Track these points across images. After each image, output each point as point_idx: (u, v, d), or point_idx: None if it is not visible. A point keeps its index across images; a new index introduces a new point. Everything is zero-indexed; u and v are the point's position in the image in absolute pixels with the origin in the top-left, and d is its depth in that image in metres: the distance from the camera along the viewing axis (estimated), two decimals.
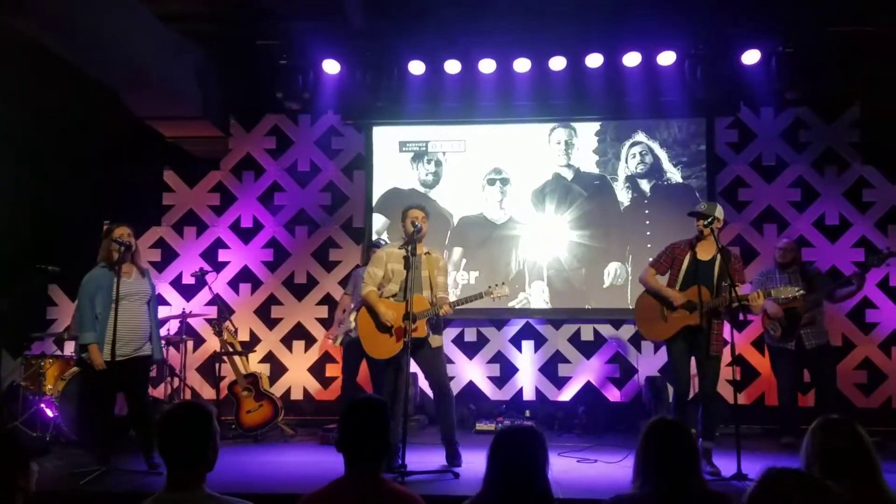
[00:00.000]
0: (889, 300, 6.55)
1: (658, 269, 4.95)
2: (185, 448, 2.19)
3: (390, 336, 4.74)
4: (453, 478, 4.41)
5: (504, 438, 2.44)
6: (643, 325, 4.96)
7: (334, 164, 7.22)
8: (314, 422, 6.60)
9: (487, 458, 2.42)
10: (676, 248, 4.92)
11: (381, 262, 4.87)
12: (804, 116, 6.82)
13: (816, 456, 2.33)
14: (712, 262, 4.77)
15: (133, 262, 4.84)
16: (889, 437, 5.81)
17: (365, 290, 4.83)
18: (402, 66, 6.59)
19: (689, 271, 4.79)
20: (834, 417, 2.42)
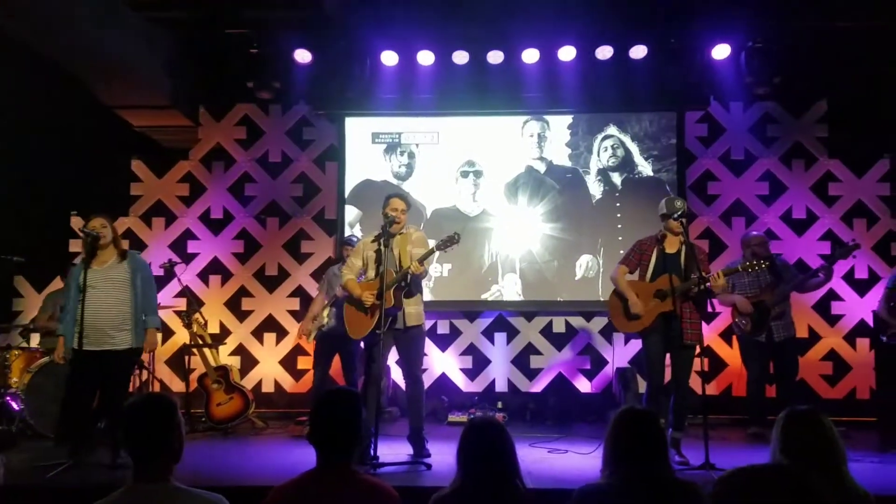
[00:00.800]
0: (854, 293, 6.69)
1: (629, 265, 5.04)
2: (149, 440, 2.18)
3: (367, 315, 4.77)
4: (425, 469, 4.42)
5: (471, 433, 2.44)
6: (618, 320, 5.02)
7: (306, 155, 7.17)
8: (286, 414, 6.59)
9: (457, 452, 2.42)
10: (643, 244, 5.04)
11: (358, 253, 4.99)
12: (772, 111, 6.92)
13: (784, 446, 2.37)
14: (678, 254, 4.90)
15: (115, 248, 4.76)
16: (853, 428, 5.94)
17: (344, 279, 4.95)
18: (375, 57, 6.55)
19: (658, 264, 4.91)
20: (801, 408, 2.45)
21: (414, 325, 4.83)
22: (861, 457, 4.86)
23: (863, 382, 6.57)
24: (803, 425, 2.38)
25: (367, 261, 4.92)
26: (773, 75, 6.21)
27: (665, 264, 4.86)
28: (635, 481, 2.33)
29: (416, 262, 4.62)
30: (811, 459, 2.27)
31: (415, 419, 4.85)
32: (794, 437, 2.37)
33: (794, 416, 2.43)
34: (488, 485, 2.37)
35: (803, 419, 2.40)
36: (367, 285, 4.84)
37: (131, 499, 2.17)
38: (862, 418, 6.16)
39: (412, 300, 4.83)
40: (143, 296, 4.74)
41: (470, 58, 6.55)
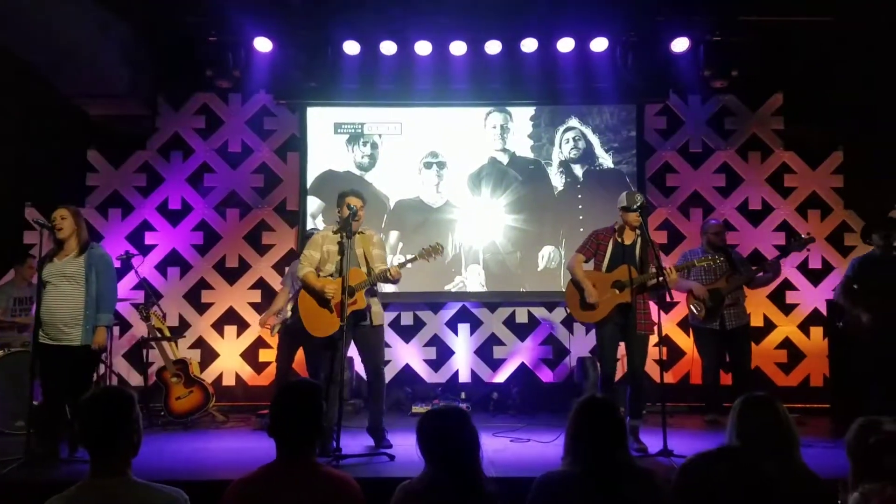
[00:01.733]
0: (808, 282, 6.86)
1: (585, 254, 5.10)
2: (106, 434, 2.15)
3: (331, 312, 4.72)
4: (388, 460, 4.41)
5: (425, 422, 2.45)
6: (575, 309, 5.07)
7: (267, 145, 7.08)
8: (247, 408, 6.53)
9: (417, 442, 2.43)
10: (600, 234, 5.10)
11: (317, 245, 4.89)
12: (730, 104, 7.05)
13: (740, 432, 2.42)
14: (634, 246, 4.98)
15: (77, 241, 4.65)
16: (807, 414, 6.11)
17: (302, 272, 4.81)
18: (337, 46, 6.48)
19: (614, 255, 4.98)
20: (757, 394, 2.50)
21: (379, 324, 4.87)
22: (814, 442, 4.99)
23: (817, 370, 6.74)
24: (759, 411, 2.43)
25: (326, 254, 4.85)
26: (731, 69, 6.31)
27: (622, 255, 4.93)
28: (595, 468, 2.36)
29: (397, 267, 4.69)
30: (765, 445, 2.32)
31: (375, 412, 4.86)
32: (749, 422, 2.41)
33: (749, 403, 2.48)
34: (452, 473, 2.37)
35: (759, 405, 2.45)
36: (330, 282, 4.76)
37: (89, 493, 2.14)
38: (816, 405, 6.33)
39: (374, 299, 4.86)
40: (98, 292, 4.61)
41: (433, 48, 6.53)
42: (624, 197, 4.96)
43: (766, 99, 7.03)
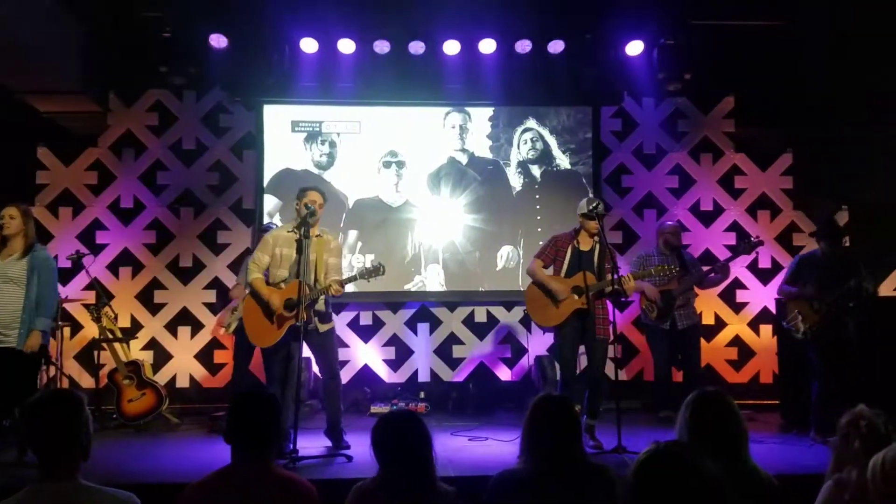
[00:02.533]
0: (758, 281, 7.04)
1: (544, 260, 5.15)
2: (55, 437, 2.10)
3: (272, 323, 4.66)
4: (346, 461, 4.40)
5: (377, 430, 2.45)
6: (535, 314, 5.13)
7: (222, 143, 6.97)
8: (202, 410, 6.40)
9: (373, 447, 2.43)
10: (559, 240, 5.17)
11: (268, 247, 4.78)
12: (683, 107, 7.19)
13: (689, 428, 2.46)
14: (592, 252, 5.07)
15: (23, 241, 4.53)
16: (757, 411, 6.27)
17: (250, 277, 4.74)
18: (294, 44, 6.42)
19: (573, 260, 5.06)
20: (708, 390, 2.54)
21: (325, 330, 4.81)
22: (764, 438, 5.15)
23: (766, 367, 6.91)
24: (709, 407, 2.46)
25: (278, 258, 4.75)
26: (684, 72, 6.45)
27: (580, 262, 5.02)
28: (550, 465, 2.40)
29: (338, 284, 4.58)
30: (715, 440, 2.36)
31: (332, 414, 4.83)
32: (699, 418, 2.44)
33: (701, 398, 2.51)
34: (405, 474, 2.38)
35: (710, 401, 2.48)
36: (277, 293, 4.68)
37: (37, 498, 2.09)
38: (765, 401, 6.50)
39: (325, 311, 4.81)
40: (39, 296, 4.50)
41: (391, 47, 6.51)
42: (584, 203, 5.03)
43: (718, 102, 7.19)
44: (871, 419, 2.12)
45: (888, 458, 1.47)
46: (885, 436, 2.06)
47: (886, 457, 1.48)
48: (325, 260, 4.78)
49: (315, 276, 4.71)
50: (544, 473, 2.38)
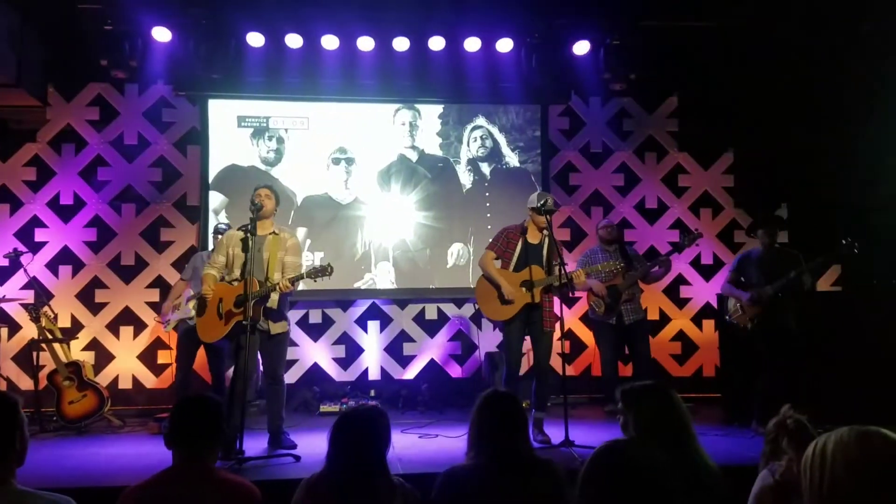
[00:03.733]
0: (701, 277, 7.23)
1: (496, 251, 5.18)
2: None
3: (220, 319, 4.59)
4: (294, 461, 4.34)
5: (346, 420, 2.44)
6: (485, 307, 5.15)
7: (165, 138, 6.83)
8: (145, 412, 6.26)
9: (329, 438, 2.41)
10: (510, 232, 5.20)
11: (222, 248, 4.78)
12: (628, 106, 7.33)
13: (634, 420, 2.50)
14: (541, 245, 5.13)
15: None
16: (700, 403, 6.42)
17: (204, 271, 4.77)
18: (240, 38, 6.32)
19: (522, 254, 5.11)
20: (649, 383, 2.59)
21: (280, 332, 4.76)
22: (706, 430, 5.28)
23: (709, 361, 7.09)
24: (652, 400, 2.50)
25: (231, 258, 4.71)
26: (629, 72, 6.57)
27: (528, 255, 5.07)
28: (497, 460, 2.41)
29: (286, 280, 4.51)
30: (660, 432, 2.40)
31: (273, 418, 4.76)
32: (643, 410, 2.49)
33: (643, 391, 2.55)
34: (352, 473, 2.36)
35: (652, 393, 2.53)
36: (223, 287, 4.63)
37: None
38: (708, 394, 6.65)
39: (279, 325, 4.74)
40: None
41: (340, 43, 6.47)
42: (534, 198, 5.08)
43: (662, 102, 7.35)
44: (798, 417, 2.20)
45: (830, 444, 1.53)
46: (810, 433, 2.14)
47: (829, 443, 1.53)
48: (281, 258, 4.72)
49: (267, 275, 4.64)
50: (491, 469, 2.39)
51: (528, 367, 5.38)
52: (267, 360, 4.81)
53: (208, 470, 2.24)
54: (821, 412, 2.26)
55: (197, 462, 2.24)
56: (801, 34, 6.32)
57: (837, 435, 1.55)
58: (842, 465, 1.51)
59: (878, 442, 1.51)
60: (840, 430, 1.56)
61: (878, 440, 1.52)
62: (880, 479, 1.48)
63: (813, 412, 2.25)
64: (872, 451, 1.50)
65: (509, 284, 5.01)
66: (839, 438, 1.54)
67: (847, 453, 1.51)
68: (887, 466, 1.49)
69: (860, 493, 1.48)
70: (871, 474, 1.48)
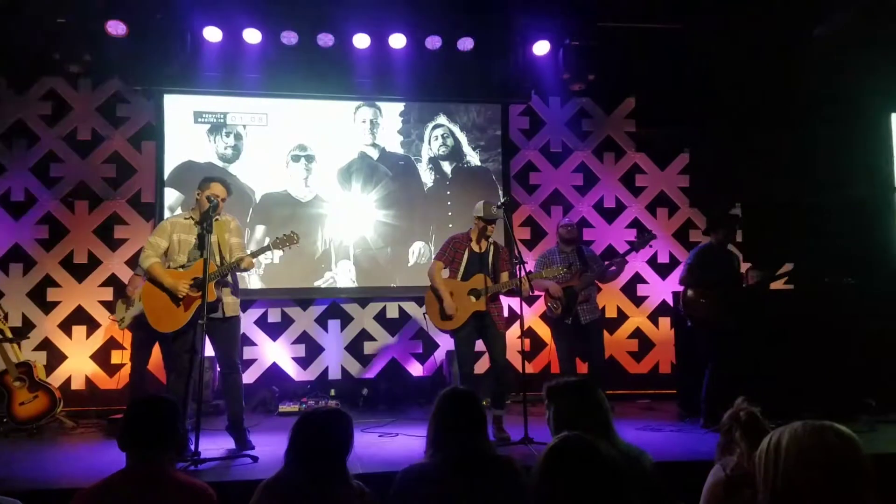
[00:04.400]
0: (657, 276, 7.35)
1: (444, 261, 5.24)
2: None
3: (177, 306, 4.52)
4: (252, 462, 4.30)
5: (307, 421, 2.42)
6: (435, 318, 5.20)
7: (120, 134, 6.69)
8: (99, 413, 6.13)
9: (289, 439, 2.39)
10: (457, 241, 5.27)
11: (165, 233, 4.64)
12: (587, 107, 7.43)
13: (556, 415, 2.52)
14: (486, 254, 5.22)
15: None
16: (657, 400, 6.54)
17: (148, 262, 4.55)
18: (197, 32, 6.22)
19: (469, 262, 5.19)
20: (572, 379, 2.64)
21: (232, 315, 4.70)
22: (662, 426, 5.39)
23: (665, 358, 7.21)
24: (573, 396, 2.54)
25: (177, 244, 4.61)
26: (588, 73, 6.66)
27: (477, 264, 5.16)
28: (455, 458, 2.42)
29: (250, 256, 4.51)
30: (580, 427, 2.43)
31: (234, 407, 4.68)
32: (565, 405, 2.52)
33: (564, 387, 2.59)
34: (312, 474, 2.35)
35: (574, 390, 2.57)
36: (178, 274, 4.55)
37: None
38: (664, 391, 6.76)
39: (227, 289, 4.68)
40: None
41: (299, 39, 6.40)
42: (480, 206, 5.15)
43: (620, 102, 7.46)
44: (750, 410, 2.26)
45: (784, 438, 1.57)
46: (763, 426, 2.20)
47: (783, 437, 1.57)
48: (227, 240, 4.67)
49: (221, 255, 4.61)
50: (449, 467, 2.41)
51: (488, 366, 5.41)
52: (222, 348, 4.70)
53: (162, 471, 2.22)
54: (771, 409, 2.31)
55: (151, 464, 2.21)
56: (756, 37, 6.47)
57: (791, 429, 1.59)
58: (795, 459, 1.54)
59: (830, 436, 1.55)
60: (794, 425, 1.60)
61: (830, 434, 1.56)
62: (832, 472, 1.52)
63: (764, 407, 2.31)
64: (825, 444, 1.54)
65: (453, 296, 5.06)
66: (793, 433, 1.58)
67: (800, 447, 1.55)
68: (839, 460, 1.52)
69: (812, 487, 1.52)
70: (823, 468, 1.52)
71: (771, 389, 5.04)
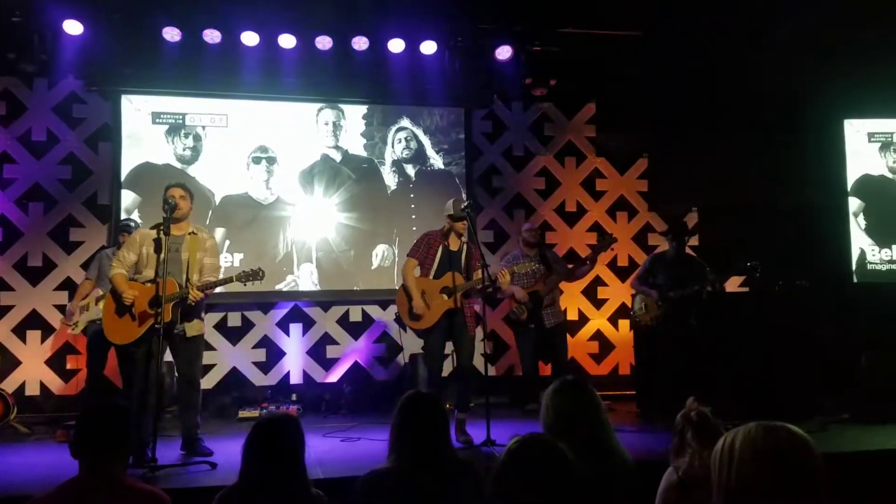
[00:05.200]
0: (617, 278, 7.46)
1: (417, 257, 5.23)
2: None
3: (132, 320, 4.43)
4: (210, 468, 4.24)
5: (255, 431, 2.40)
6: (406, 316, 5.18)
7: (75, 135, 6.56)
8: (54, 419, 5.99)
9: (243, 450, 2.37)
10: (431, 238, 5.26)
11: (135, 246, 4.55)
12: (549, 111, 7.52)
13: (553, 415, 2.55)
14: (460, 252, 5.22)
15: None
16: (617, 401, 6.62)
17: (112, 272, 4.50)
18: (156, 32, 6.13)
19: (442, 261, 5.17)
20: (568, 379, 2.64)
21: (196, 335, 4.61)
22: (622, 427, 5.44)
23: (624, 359, 7.31)
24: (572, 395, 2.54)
25: (144, 257, 4.51)
26: (549, 78, 6.74)
27: (449, 262, 5.15)
28: (417, 462, 2.42)
29: (196, 289, 4.37)
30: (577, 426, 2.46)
31: (187, 422, 4.60)
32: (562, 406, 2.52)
33: (562, 388, 2.60)
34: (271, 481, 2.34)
35: (570, 389, 2.57)
36: (138, 286, 4.46)
37: None
38: (624, 392, 6.85)
39: (194, 323, 4.58)
40: None
41: (261, 40, 6.35)
42: (451, 205, 5.14)
43: (581, 108, 7.56)
44: (701, 410, 2.30)
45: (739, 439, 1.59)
46: (714, 425, 2.24)
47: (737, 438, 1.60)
48: (200, 259, 4.58)
49: (187, 276, 4.50)
50: (411, 471, 2.40)
51: (451, 369, 5.43)
52: (183, 364, 4.63)
53: (116, 478, 2.18)
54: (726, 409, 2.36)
55: (104, 471, 2.17)
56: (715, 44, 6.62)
57: (745, 430, 1.60)
58: (749, 460, 1.56)
59: (784, 437, 1.57)
60: (749, 425, 1.62)
61: (784, 435, 1.57)
62: (785, 473, 1.53)
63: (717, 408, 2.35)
64: (779, 445, 1.55)
65: (425, 294, 5.05)
66: (747, 433, 1.59)
67: (754, 448, 1.56)
68: (792, 461, 1.54)
69: (766, 487, 1.53)
70: (776, 469, 1.54)
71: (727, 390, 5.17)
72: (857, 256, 7.16)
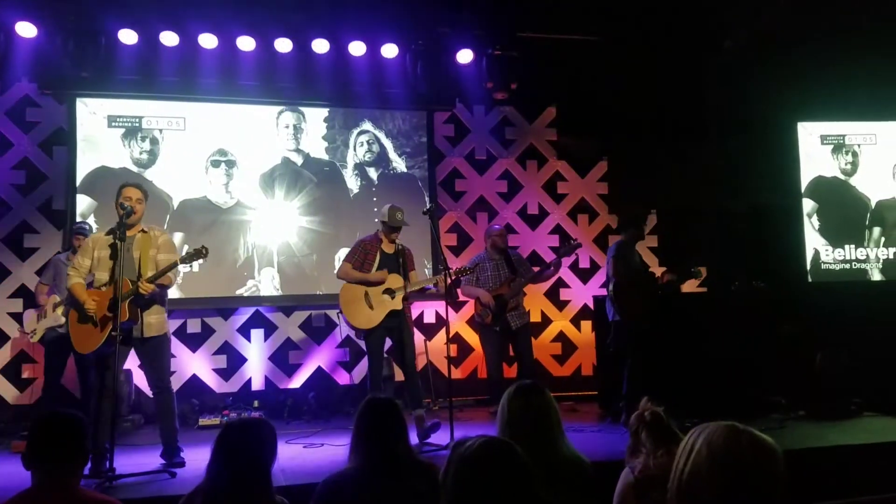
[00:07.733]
0: (579, 280, 7.54)
1: (354, 263, 5.31)
2: None
3: (95, 326, 4.35)
4: (169, 477, 4.17)
5: (230, 431, 2.38)
6: (352, 316, 5.24)
7: (29, 139, 6.41)
8: (8, 429, 5.82)
9: (212, 450, 2.34)
10: (367, 244, 5.37)
11: (88, 251, 4.48)
12: (510, 115, 7.57)
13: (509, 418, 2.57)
14: (396, 254, 5.33)
15: None
16: (579, 401, 6.68)
17: (70, 283, 4.42)
18: (112, 35, 6.03)
19: (381, 264, 5.29)
20: (525, 383, 2.67)
21: (155, 336, 4.51)
22: (584, 427, 5.51)
23: (587, 360, 7.37)
24: (526, 398, 2.57)
25: (98, 261, 4.44)
26: (510, 82, 6.78)
27: (387, 264, 5.26)
28: (378, 466, 2.43)
29: (146, 281, 4.29)
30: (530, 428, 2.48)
31: (166, 429, 4.51)
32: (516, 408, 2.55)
33: (518, 391, 2.64)
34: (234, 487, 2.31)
35: (525, 392, 2.60)
36: (96, 293, 4.38)
37: None
38: (586, 392, 6.90)
39: (152, 310, 4.50)
40: None
41: (219, 42, 6.29)
42: (386, 211, 5.26)
43: (541, 111, 7.63)
44: (655, 410, 2.33)
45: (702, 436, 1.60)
46: (667, 425, 2.28)
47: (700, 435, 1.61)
48: (153, 256, 4.50)
49: (139, 274, 4.41)
50: (369, 472, 2.41)
51: None
52: (149, 369, 4.55)
53: (70, 489, 2.14)
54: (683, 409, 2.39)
55: (58, 482, 2.13)
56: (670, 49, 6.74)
57: (711, 428, 1.62)
58: (705, 457, 1.57)
59: (745, 440, 1.57)
60: (717, 423, 1.63)
61: (745, 439, 1.57)
62: (736, 476, 1.54)
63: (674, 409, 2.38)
64: (737, 448, 1.56)
65: (368, 297, 5.18)
66: (711, 431, 1.60)
67: (712, 446, 1.57)
68: (745, 465, 1.54)
69: (713, 486, 1.55)
70: (728, 470, 1.54)
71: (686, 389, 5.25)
72: (811, 256, 7.33)
